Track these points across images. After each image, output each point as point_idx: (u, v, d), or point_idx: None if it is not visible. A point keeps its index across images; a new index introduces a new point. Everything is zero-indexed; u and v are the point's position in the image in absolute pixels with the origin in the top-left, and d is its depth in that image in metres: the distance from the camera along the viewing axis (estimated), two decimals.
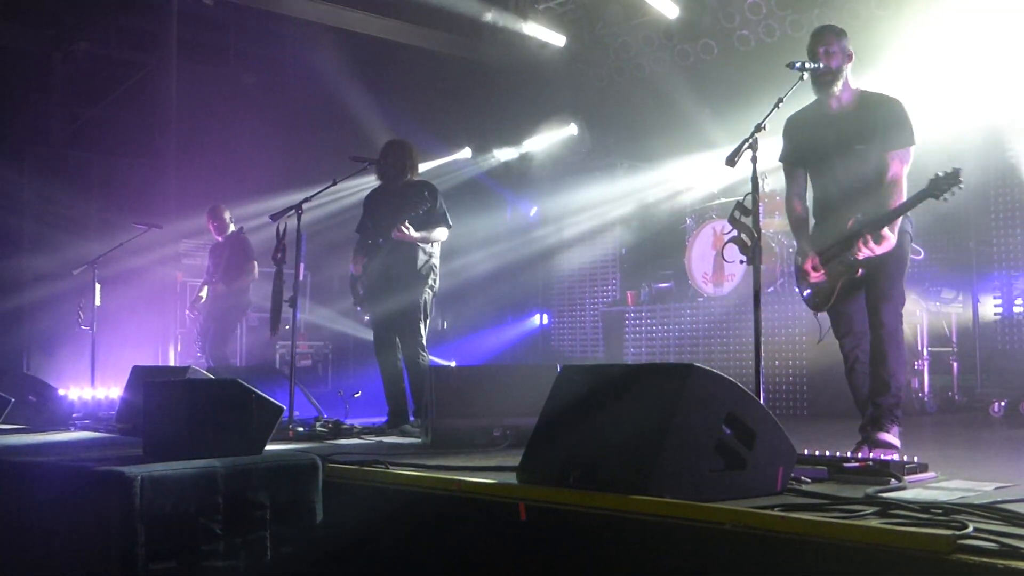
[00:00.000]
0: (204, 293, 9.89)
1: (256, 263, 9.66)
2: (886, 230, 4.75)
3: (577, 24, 12.10)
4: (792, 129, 5.21)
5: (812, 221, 5.23)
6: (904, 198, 4.83)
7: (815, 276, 5.03)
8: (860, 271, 4.89)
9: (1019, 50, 8.15)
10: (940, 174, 4.61)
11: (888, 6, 9.19)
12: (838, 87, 4.96)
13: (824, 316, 5.17)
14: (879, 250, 4.76)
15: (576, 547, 3.41)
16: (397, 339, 7.09)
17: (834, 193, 5.02)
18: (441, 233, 7.08)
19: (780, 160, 5.31)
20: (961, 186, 4.58)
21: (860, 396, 5.05)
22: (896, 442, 4.76)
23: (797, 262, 5.22)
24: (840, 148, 4.97)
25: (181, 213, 11.53)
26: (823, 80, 4.94)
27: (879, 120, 4.89)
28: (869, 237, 4.75)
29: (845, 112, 4.99)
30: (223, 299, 9.60)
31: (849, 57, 4.96)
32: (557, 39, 12.00)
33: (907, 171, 4.88)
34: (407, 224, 6.85)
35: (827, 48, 4.90)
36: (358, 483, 4.39)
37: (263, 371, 8.68)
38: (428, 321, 7.10)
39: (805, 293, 5.19)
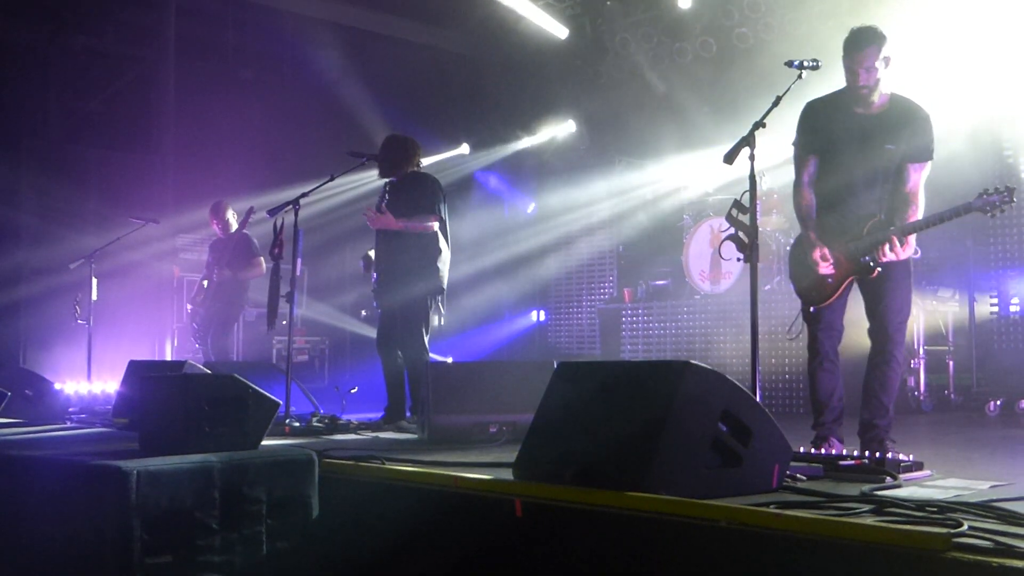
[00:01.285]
0: (205, 284, 9.79)
1: (263, 259, 9.59)
2: (912, 238, 4.77)
3: (575, 21, 12.09)
4: (812, 116, 5.10)
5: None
6: (920, 210, 4.85)
7: (824, 268, 4.94)
8: (877, 271, 4.85)
9: (1017, 48, 8.15)
10: (991, 190, 4.59)
11: (887, 2, 9.18)
12: (876, 96, 4.91)
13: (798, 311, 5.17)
14: (902, 255, 4.78)
15: (572, 544, 3.42)
16: (399, 335, 7.03)
17: (843, 188, 4.97)
18: (425, 223, 6.85)
19: (794, 144, 5.19)
20: (1013, 204, 4.57)
21: (822, 394, 5.01)
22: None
23: (797, 253, 5.16)
24: (861, 144, 4.91)
25: (178, 208, 11.53)
26: (861, 94, 4.88)
27: (906, 127, 4.86)
28: (896, 241, 4.73)
29: (873, 111, 4.94)
30: (228, 290, 9.50)
31: (887, 62, 4.85)
32: (560, 31, 11.93)
33: (924, 183, 4.90)
34: (375, 212, 6.83)
35: (868, 65, 4.81)
36: (354, 479, 4.39)
37: (259, 366, 8.68)
38: (432, 318, 7.00)
39: (803, 284, 5.09)
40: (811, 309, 5.06)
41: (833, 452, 4.48)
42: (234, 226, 9.64)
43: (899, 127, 4.87)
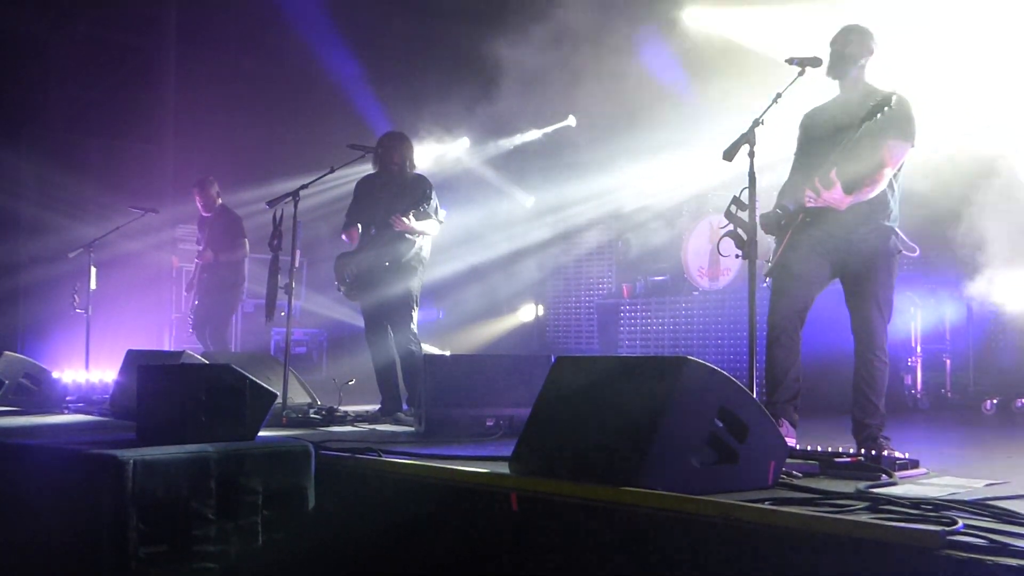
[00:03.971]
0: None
1: (247, 240, 9.55)
2: (834, 175, 4.74)
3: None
4: (805, 121, 5.29)
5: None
6: (880, 185, 4.84)
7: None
8: (801, 216, 4.93)
9: (1017, 50, 8.13)
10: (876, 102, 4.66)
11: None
12: (850, 75, 5.00)
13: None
14: (825, 195, 4.77)
15: (567, 538, 3.42)
16: (388, 328, 7.12)
17: (819, 164, 4.98)
18: (432, 227, 7.14)
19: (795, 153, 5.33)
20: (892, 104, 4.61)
21: (776, 370, 5.02)
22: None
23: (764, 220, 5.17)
24: (838, 132, 4.94)
25: (178, 198, 11.53)
26: (836, 66, 4.99)
27: (883, 106, 4.84)
28: (816, 179, 4.77)
29: (851, 101, 4.99)
30: (215, 273, 9.43)
31: (869, 52, 5.01)
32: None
33: (897, 163, 4.88)
34: (409, 215, 6.88)
35: (846, 38, 4.99)
36: (350, 471, 4.39)
37: (257, 357, 8.66)
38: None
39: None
40: (766, 281, 5.09)
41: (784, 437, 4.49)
42: (218, 202, 9.57)
43: (876, 106, 4.80)
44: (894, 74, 5.58)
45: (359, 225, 7.16)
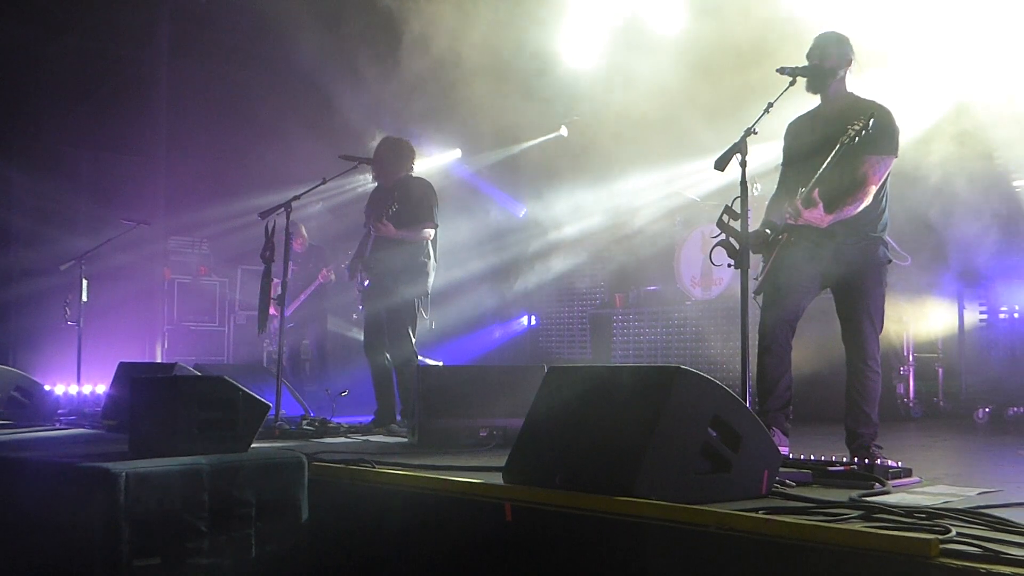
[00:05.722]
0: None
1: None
2: (816, 195, 4.74)
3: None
4: (788, 133, 5.28)
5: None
6: (864, 202, 4.83)
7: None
8: (784, 236, 4.96)
9: (1014, 55, 8.13)
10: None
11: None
12: (831, 88, 5.00)
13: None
14: (806, 215, 4.78)
15: (561, 548, 3.42)
16: (387, 338, 7.08)
17: (801, 179, 4.98)
18: (424, 231, 7.01)
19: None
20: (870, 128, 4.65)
21: (767, 380, 5.02)
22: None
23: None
24: (822, 147, 4.92)
25: (170, 210, 11.51)
26: (814, 81, 4.98)
27: (863, 116, 4.85)
28: (798, 199, 4.79)
29: (834, 114, 5.00)
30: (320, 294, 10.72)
31: (847, 62, 5.01)
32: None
33: (881, 179, 4.88)
34: (384, 220, 6.86)
35: (824, 50, 4.98)
36: (344, 482, 4.38)
37: (250, 369, 8.64)
38: (418, 321, 7.07)
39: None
40: (757, 297, 5.11)
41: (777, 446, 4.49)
42: (308, 242, 10.87)
43: (857, 116, 4.79)
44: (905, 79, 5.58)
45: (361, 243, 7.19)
